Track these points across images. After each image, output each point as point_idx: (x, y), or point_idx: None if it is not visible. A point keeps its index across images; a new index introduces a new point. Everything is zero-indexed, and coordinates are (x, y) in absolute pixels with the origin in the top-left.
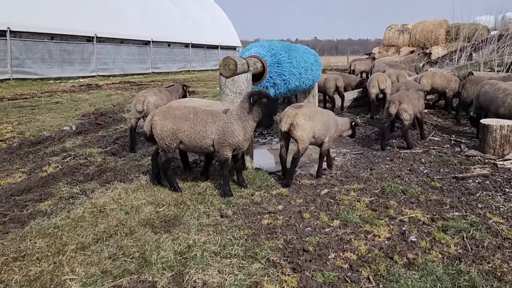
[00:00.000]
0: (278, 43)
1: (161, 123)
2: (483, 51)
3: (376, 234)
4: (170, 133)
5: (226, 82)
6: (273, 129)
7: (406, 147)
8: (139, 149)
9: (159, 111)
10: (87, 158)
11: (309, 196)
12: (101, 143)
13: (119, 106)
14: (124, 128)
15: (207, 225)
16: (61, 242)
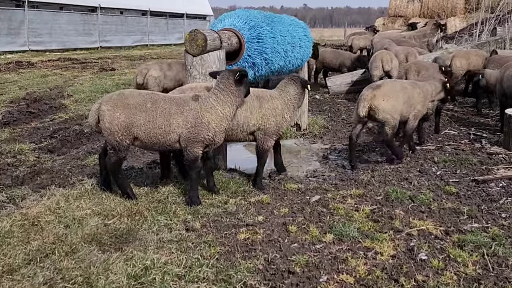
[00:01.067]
0: (258, 13)
1: (110, 114)
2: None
3: (378, 251)
4: (121, 127)
5: (194, 61)
6: None
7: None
8: (84, 144)
9: (108, 99)
10: (16, 157)
11: (296, 204)
12: (34, 137)
13: (57, 89)
14: (64, 117)
15: (169, 241)
16: None
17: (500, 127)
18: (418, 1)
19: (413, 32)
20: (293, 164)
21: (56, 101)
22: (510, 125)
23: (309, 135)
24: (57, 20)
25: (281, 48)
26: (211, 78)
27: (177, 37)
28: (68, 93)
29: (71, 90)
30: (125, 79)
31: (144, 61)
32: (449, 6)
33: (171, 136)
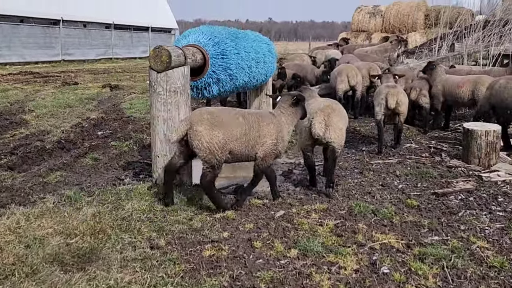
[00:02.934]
0: (223, 29)
1: (208, 133)
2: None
3: (342, 266)
4: (221, 145)
5: (158, 77)
6: None
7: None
8: (45, 160)
9: (199, 119)
10: None
11: (261, 219)
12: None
13: (18, 104)
14: (25, 133)
15: (133, 259)
16: None
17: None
18: (380, 17)
19: (375, 47)
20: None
21: (16, 116)
22: (468, 138)
23: None
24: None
25: (245, 64)
26: (175, 95)
27: (141, 51)
28: (29, 108)
29: (32, 105)
30: (89, 94)
31: (108, 74)
32: (410, 21)
33: (258, 147)
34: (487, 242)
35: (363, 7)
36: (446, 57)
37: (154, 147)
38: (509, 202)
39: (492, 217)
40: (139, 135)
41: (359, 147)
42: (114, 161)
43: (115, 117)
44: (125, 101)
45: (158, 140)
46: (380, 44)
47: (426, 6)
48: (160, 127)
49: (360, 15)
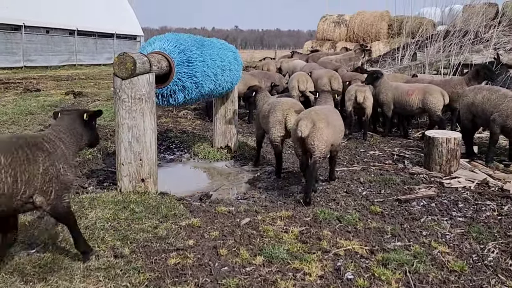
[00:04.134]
0: (188, 37)
1: (326, 130)
2: (429, 49)
3: (307, 272)
4: (330, 140)
5: (123, 84)
6: (182, 142)
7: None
8: None
9: (320, 117)
10: None
11: (227, 227)
12: None
13: None
14: None
15: (97, 269)
16: None
17: (465, 150)
18: (344, 26)
19: (340, 56)
20: (223, 186)
21: None
22: (429, 146)
23: (240, 157)
24: None
25: (211, 71)
26: (140, 102)
27: (106, 57)
28: None
29: None
30: (52, 101)
31: (72, 81)
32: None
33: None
34: (448, 247)
35: (328, 16)
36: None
37: (119, 155)
38: (469, 208)
39: (452, 222)
40: (104, 143)
41: None
42: (78, 169)
43: None
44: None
45: (123, 147)
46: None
47: (389, 16)
48: (124, 135)
49: (325, 24)
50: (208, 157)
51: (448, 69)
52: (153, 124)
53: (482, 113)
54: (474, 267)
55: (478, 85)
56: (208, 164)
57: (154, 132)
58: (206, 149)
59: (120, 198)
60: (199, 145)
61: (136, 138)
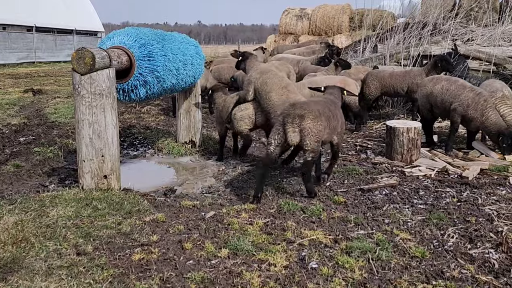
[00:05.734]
0: (149, 31)
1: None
2: (389, 41)
3: (272, 263)
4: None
5: (82, 80)
6: (146, 137)
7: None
8: None
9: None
10: None
11: (192, 221)
12: None
13: None
14: None
15: (59, 267)
16: None
17: (426, 139)
18: (306, 19)
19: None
20: (188, 181)
21: None
22: (391, 136)
23: (204, 151)
24: None
25: (172, 66)
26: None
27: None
28: None
29: None
30: (10, 99)
31: (31, 79)
32: (335, 24)
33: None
34: (409, 233)
35: (290, 10)
36: (369, 58)
37: (80, 152)
38: (429, 195)
39: (414, 210)
40: (65, 140)
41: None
42: (38, 167)
43: (39, 123)
44: (49, 106)
45: (84, 144)
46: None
47: (351, 9)
48: (85, 131)
49: (287, 18)
50: (173, 152)
51: (408, 60)
52: (114, 119)
53: (441, 103)
54: (435, 252)
55: (437, 76)
56: (172, 159)
57: (116, 127)
58: (170, 144)
59: (82, 195)
60: (163, 140)
61: (97, 134)
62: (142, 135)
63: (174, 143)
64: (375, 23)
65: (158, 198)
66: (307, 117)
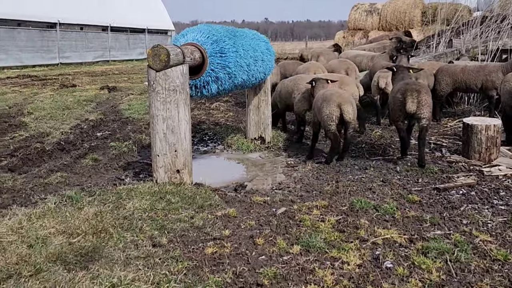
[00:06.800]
0: (221, 28)
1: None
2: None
3: (345, 261)
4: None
5: (157, 76)
6: (215, 133)
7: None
8: (46, 162)
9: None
10: None
11: (263, 216)
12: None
13: (17, 107)
14: (24, 135)
15: (136, 257)
16: None
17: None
18: (376, 14)
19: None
20: (258, 177)
21: (16, 119)
22: (468, 133)
23: (274, 148)
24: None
25: (243, 62)
26: (175, 93)
27: (138, 52)
28: (28, 110)
29: (31, 108)
30: (87, 96)
31: (106, 76)
32: (407, 19)
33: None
34: (490, 235)
35: (359, 5)
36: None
37: (154, 146)
38: (511, 196)
39: (494, 211)
40: (138, 136)
41: (358, 144)
42: (114, 161)
43: (114, 118)
44: (123, 102)
45: (158, 139)
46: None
47: (423, 3)
48: (159, 126)
49: (356, 13)
50: (242, 148)
51: (486, 55)
52: (187, 115)
53: None
54: None
55: None
56: (241, 155)
57: (188, 123)
58: (239, 141)
59: (156, 189)
60: (232, 136)
61: (170, 129)
62: (212, 131)
63: (243, 139)
64: (449, 17)
65: (229, 194)
66: (422, 91)
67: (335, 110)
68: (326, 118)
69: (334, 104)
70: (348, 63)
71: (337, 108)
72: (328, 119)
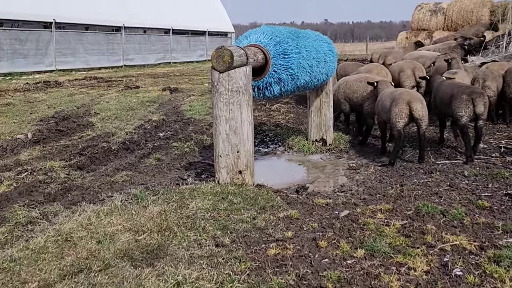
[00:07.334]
0: (284, 29)
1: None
2: None
3: (411, 267)
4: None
5: (220, 77)
6: (276, 135)
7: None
8: (112, 161)
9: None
10: (47, 174)
11: (325, 219)
12: (63, 154)
13: (84, 108)
14: (92, 135)
15: (200, 256)
16: (19, 279)
17: None
18: (441, 14)
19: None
20: (319, 179)
21: (83, 119)
22: None
23: (335, 150)
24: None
25: (306, 63)
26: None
27: (199, 54)
28: (95, 111)
29: (97, 108)
30: (150, 97)
31: (167, 78)
32: (474, 18)
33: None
34: None
35: (423, 5)
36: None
37: (217, 147)
38: None
39: None
40: (200, 136)
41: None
42: (176, 161)
43: (176, 119)
44: (184, 103)
45: (221, 140)
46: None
47: (491, 1)
48: (222, 127)
49: (420, 13)
50: (303, 150)
51: None
52: (250, 116)
53: None
54: None
55: None
56: (302, 157)
57: (251, 124)
58: (300, 142)
59: (219, 189)
60: (293, 138)
61: (233, 130)
62: (273, 132)
63: (304, 141)
64: None
65: (291, 195)
66: (484, 94)
67: (404, 108)
68: (395, 116)
69: (404, 102)
70: (414, 64)
71: (406, 105)
72: (397, 117)
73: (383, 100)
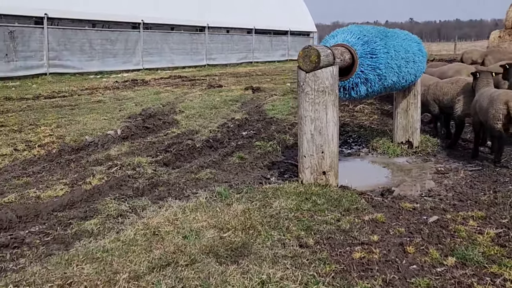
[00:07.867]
0: (372, 28)
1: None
2: None
3: (507, 278)
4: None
5: (306, 77)
6: (360, 136)
7: None
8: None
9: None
10: (135, 169)
11: (413, 224)
12: (150, 150)
13: (169, 106)
14: (176, 132)
15: (283, 256)
16: (111, 269)
17: None
18: None
19: None
20: (405, 182)
21: (169, 117)
22: None
23: (422, 153)
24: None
25: (394, 63)
26: (323, 95)
27: (280, 54)
28: (179, 109)
29: (182, 106)
30: (232, 96)
31: (249, 77)
32: None
33: None
34: None
35: None
36: None
37: (301, 147)
38: None
39: None
40: (282, 136)
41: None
42: (259, 160)
43: (258, 118)
44: (267, 103)
45: (305, 140)
46: None
47: None
48: (307, 127)
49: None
50: (388, 152)
51: None
52: (335, 116)
53: None
54: None
55: None
56: (387, 159)
57: (336, 125)
58: (385, 144)
59: (302, 189)
60: (377, 139)
61: (318, 130)
62: (356, 133)
63: (389, 143)
64: None
65: (376, 198)
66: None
67: (501, 109)
68: (491, 117)
69: (501, 102)
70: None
71: (504, 105)
72: (494, 118)
73: (481, 100)
